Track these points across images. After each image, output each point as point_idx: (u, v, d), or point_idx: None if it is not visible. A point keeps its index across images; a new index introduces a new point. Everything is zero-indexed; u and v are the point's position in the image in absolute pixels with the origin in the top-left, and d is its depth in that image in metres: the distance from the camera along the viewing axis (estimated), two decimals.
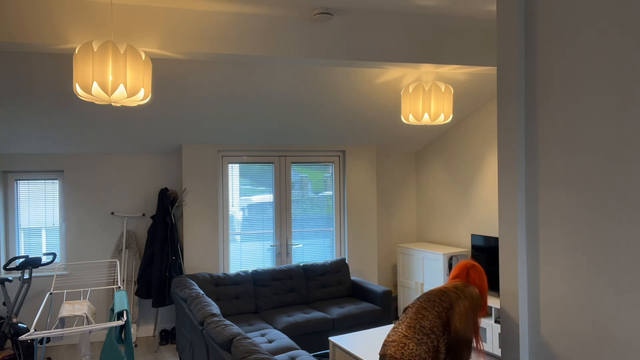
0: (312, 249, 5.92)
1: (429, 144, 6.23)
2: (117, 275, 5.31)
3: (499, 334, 4.62)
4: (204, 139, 5.23)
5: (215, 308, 3.74)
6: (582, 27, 1.76)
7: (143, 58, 2.81)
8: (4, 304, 4.55)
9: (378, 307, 5.11)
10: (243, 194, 5.63)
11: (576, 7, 1.78)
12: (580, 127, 1.78)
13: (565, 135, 1.84)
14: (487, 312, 2.72)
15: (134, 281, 5.33)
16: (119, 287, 3.47)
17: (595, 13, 1.71)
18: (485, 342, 4.77)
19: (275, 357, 3.69)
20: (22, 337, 2.59)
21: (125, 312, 2.94)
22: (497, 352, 4.65)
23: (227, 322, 3.38)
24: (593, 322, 1.74)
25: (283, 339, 4.05)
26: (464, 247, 5.63)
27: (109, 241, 5.35)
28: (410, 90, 4.32)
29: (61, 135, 4.80)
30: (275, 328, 4.56)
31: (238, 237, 5.62)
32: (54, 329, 2.93)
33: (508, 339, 2.10)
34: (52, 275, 5.16)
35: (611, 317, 1.68)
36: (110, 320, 2.95)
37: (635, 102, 1.59)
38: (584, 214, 1.77)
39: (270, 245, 5.74)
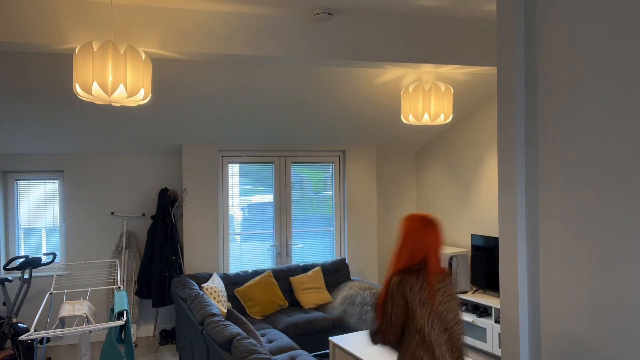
0: (312, 249, 5.92)
1: (429, 144, 6.23)
2: (117, 275, 5.31)
3: (499, 334, 4.62)
4: (204, 139, 5.23)
5: (215, 308, 3.74)
6: (581, 26, 1.76)
7: (143, 58, 2.81)
8: (4, 304, 4.55)
9: None
10: (243, 194, 5.63)
11: (576, 7, 1.78)
12: (580, 127, 1.78)
13: (565, 135, 1.84)
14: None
15: (134, 281, 5.33)
16: (119, 287, 3.47)
17: (594, 13, 1.71)
18: (485, 342, 4.78)
19: (275, 357, 3.69)
20: (22, 337, 2.59)
21: (125, 312, 2.94)
22: (497, 352, 4.65)
23: (227, 322, 3.38)
24: (593, 322, 1.74)
25: (283, 339, 4.05)
26: (464, 247, 5.63)
27: (109, 241, 5.35)
28: (410, 90, 4.32)
29: (61, 135, 4.80)
30: (275, 328, 4.56)
31: (238, 237, 5.62)
32: (54, 329, 2.93)
33: (508, 339, 2.10)
34: (52, 275, 5.16)
35: (612, 318, 1.68)
36: (110, 320, 2.95)
37: (636, 100, 1.59)
38: (584, 213, 1.77)
39: (271, 245, 5.74)
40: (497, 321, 4.68)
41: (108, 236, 5.35)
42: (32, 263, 4.55)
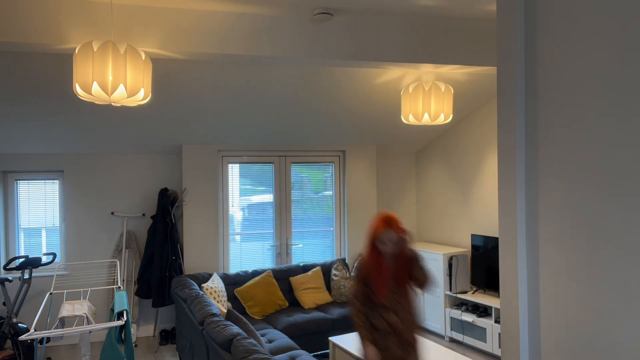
0: (312, 249, 5.92)
1: (429, 144, 6.23)
2: (117, 275, 5.31)
3: (499, 334, 4.62)
4: (204, 139, 5.23)
5: (215, 308, 3.74)
6: (582, 26, 1.76)
7: (143, 58, 2.81)
8: (4, 304, 4.55)
9: None
10: (243, 194, 5.63)
11: (576, 6, 1.78)
12: (580, 126, 1.78)
13: (565, 135, 1.84)
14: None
15: (134, 281, 5.33)
16: (119, 287, 3.47)
17: (595, 12, 1.71)
18: (485, 342, 4.78)
19: (275, 357, 3.69)
20: (22, 337, 2.59)
21: (125, 312, 2.94)
22: (497, 352, 4.65)
23: (227, 322, 3.38)
24: (593, 322, 1.74)
25: (283, 339, 4.05)
26: (464, 247, 5.63)
27: (109, 241, 5.35)
28: (410, 90, 4.32)
29: (61, 135, 4.80)
30: (275, 328, 4.56)
31: (238, 237, 5.62)
32: (54, 329, 2.93)
33: (508, 339, 2.10)
34: (52, 275, 5.16)
35: (612, 318, 1.68)
36: (110, 320, 2.95)
37: (636, 100, 1.59)
38: (584, 213, 1.77)
39: (271, 245, 5.74)
40: (497, 321, 4.68)
41: (108, 236, 5.35)
42: (32, 263, 4.55)
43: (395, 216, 2.82)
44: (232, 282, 5.04)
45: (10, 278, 4.63)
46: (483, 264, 5.11)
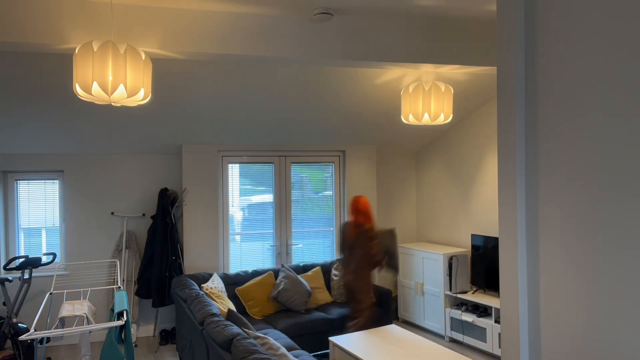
0: (312, 249, 5.92)
1: (429, 144, 6.23)
2: (117, 275, 5.31)
3: (499, 334, 4.62)
4: (204, 139, 5.23)
5: (215, 308, 3.74)
6: (582, 26, 1.76)
7: (143, 58, 2.81)
8: (4, 304, 4.55)
9: (378, 307, 5.11)
10: (243, 194, 5.63)
11: (576, 6, 1.78)
12: (581, 126, 1.78)
13: (566, 134, 1.84)
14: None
15: (134, 281, 5.33)
16: (119, 287, 3.47)
17: (595, 13, 1.71)
18: (485, 342, 4.78)
19: (275, 357, 3.69)
20: (22, 337, 2.59)
21: (125, 312, 2.94)
22: (497, 352, 4.65)
23: (227, 322, 3.38)
24: (595, 322, 1.74)
25: (283, 339, 4.05)
26: (464, 247, 5.63)
27: (109, 241, 5.35)
28: (410, 90, 4.32)
29: (61, 135, 4.80)
30: (275, 328, 4.56)
31: (238, 237, 5.62)
32: (54, 329, 2.93)
33: (508, 339, 2.10)
34: (52, 275, 5.16)
35: (613, 318, 1.68)
36: (110, 320, 2.95)
37: (636, 99, 1.59)
38: (585, 213, 1.77)
39: (270, 245, 5.74)
40: (497, 321, 4.68)
41: (108, 236, 5.35)
42: (32, 263, 4.55)
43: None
44: (232, 282, 5.04)
45: (10, 278, 4.63)
46: (483, 264, 5.11)
